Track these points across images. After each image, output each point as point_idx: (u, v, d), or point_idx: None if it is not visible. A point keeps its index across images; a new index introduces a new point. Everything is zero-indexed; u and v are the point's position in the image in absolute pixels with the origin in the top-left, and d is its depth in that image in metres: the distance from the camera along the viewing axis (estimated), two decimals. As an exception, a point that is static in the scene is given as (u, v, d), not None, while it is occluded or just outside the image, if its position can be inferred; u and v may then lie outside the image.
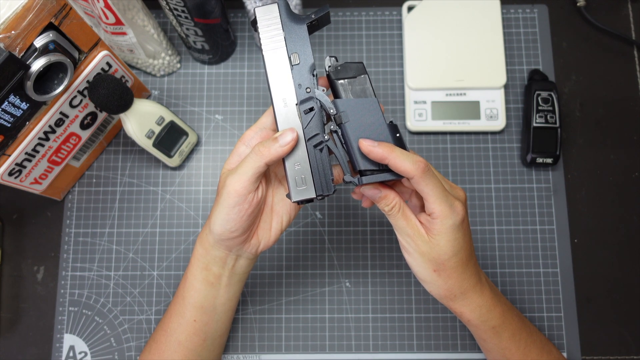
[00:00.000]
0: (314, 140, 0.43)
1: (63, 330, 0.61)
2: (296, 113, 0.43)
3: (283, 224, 0.48)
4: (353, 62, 0.44)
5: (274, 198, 0.48)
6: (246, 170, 0.43)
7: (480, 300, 0.46)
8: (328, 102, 0.43)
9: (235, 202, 0.43)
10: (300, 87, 0.43)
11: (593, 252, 0.62)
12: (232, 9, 0.69)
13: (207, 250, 0.47)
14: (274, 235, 0.48)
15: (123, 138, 0.66)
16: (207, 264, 0.48)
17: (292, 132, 0.42)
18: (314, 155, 0.43)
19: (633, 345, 0.60)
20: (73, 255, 0.63)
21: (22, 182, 0.55)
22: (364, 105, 0.43)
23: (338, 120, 0.42)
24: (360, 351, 0.60)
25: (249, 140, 0.46)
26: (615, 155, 0.65)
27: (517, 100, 0.66)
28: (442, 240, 0.42)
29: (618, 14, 0.69)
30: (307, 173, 0.43)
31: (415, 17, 0.67)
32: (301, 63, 0.43)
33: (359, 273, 0.62)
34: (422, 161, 0.40)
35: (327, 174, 0.43)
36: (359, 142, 0.41)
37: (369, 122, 0.42)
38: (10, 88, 0.45)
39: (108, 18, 0.57)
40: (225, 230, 0.44)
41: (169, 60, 0.66)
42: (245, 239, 0.46)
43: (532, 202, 0.64)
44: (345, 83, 0.43)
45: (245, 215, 0.44)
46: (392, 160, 0.40)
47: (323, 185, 0.43)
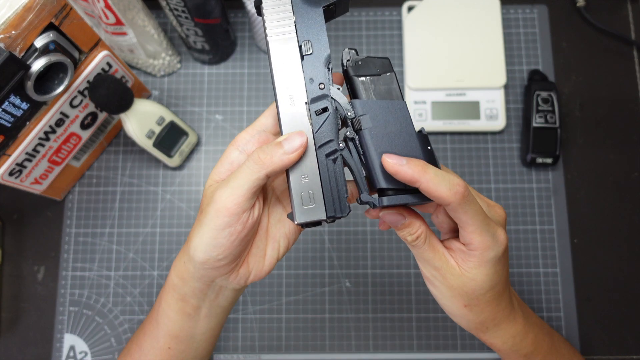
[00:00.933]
0: (327, 149, 0.35)
1: (63, 330, 0.61)
2: (305, 114, 0.35)
3: (280, 251, 0.40)
4: (377, 57, 0.37)
5: (269, 218, 0.40)
6: (241, 184, 0.35)
7: (513, 330, 0.40)
8: (345, 103, 0.35)
9: (226, 223, 0.35)
10: (312, 82, 0.35)
11: (593, 252, 0.62)
12: (232, 9, 0.69)
13: (185, 280, 0.39)
14: (268, 265, 0.40)
15: (123, 138, 0.66)
16: (183, 295, 0.40)
17: (300, 136, 0.34)
18: (325, 166, 0.35)
19: (633, 345, 0.60)
20: (73, 255, 0.63)
21: (23, 182, 0.55)
22: (389, 109, 0.35)
23: (356, 125, 0.35)
24: (360, 351, 0.60)
25: (244, 144, 0.38)
26: (615, 155, 0.65)
27: (517, 100, 0.66)
28: (479, 274, 0.36)
29: (617, 14, 0.69)
30: (316, 188, 0.35)
31: (415, 17, 0.67)
32: (314, 53, 0.36)
33: (359, 273, 0.62)
34: (460, 184, 0.33)
35: (341, 190, 0.35)
36: (382, 159, 0.34)
37: (395, 130, 0.35)
38: (11, 88, 0.45)
39: (108, 18, 0.57)
40: (211, 257, 0.36)
41: (169, 61, 0.66)
42: (233, 268, 0.38)
43: (532, 202, 0.64)
44: (366, 81, 0.36)
45: (237, 240, 0.36)
46: (424, 183, 0.33)
47: (336, 204, 0.35)
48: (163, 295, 0.41)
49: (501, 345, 0.41)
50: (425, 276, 0.38)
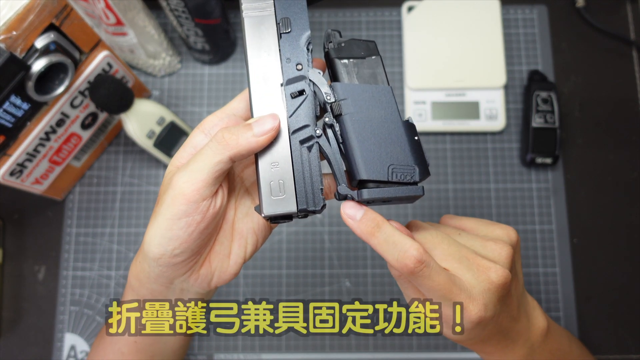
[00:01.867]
0: (301, 134, 0.32)
1: (64, 329, 0.61)
2: (280, 96, 0.32)
3: (247, 250, 0.35)
4: (362, 39, 0.34)
5: (236, 212, 0.36)
6: (201, 167, 0.31)
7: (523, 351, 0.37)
8: (324, 85, 0.32)
9: (183, 212, 0.31)
10: (289, 61, 0.33)
11: (592, 252, 0.62)
12: (232, 9, 0.69)
13: (141, 282, 0.35)
14: (234, 265, 0.35)
15: (124, 138, 0.66)
16: (142, 297, 0.36)
17: (273, 119, 0.31)
18: (299, 153, 0.32)
19: (633, 345, 0.60)
20: (74, 255, 0.63)
21: (23, 182, 0.55)
22: (373, 94, 0.32)
23: (336, 110, 0.32)
24: (360, 351, 0.60)
25: (211, 128, 0.34)
26: (614, 156, 0.65)
27: (516, 100, 0.67)
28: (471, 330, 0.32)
29: (617, 14, 0.69)
30: (287, 177, 0.32)
31: (415, 18, 0.67)
32: (293, 32, 0.33)
33: (359, 273, 0.62)
34: (411, 257, 0.29)
35: (315, 181, 0.32)
36: (341, 208, 0.31)
37: (379, 117, 0.32)
38: (12, 88, 0.45)
39: (109, 18, 0.57)
40: (166, 251, 0.32)
41: (169, 61, 0.66)
42: (191, 266, 0.34)
43: (532, 202, 0.64)
44: (349, 64, 0.33)
45: (196, 232, 0.31)
46: (373, 246, 0.30)
47: (309, 196, 0.32)
48: (125, 295, 0.38)
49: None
50: (446, 317, 0.32)
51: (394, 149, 0.32)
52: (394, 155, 0.32)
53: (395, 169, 0.32)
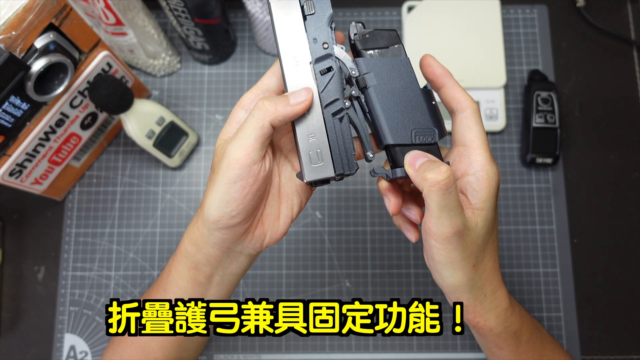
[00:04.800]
0: (333, 107, 0.36)
1: (64, 330, 0.61)
2: (310, 74, 0.36)
3: (294, 210, 0.40)
4: (384, 29, 0.37)
5: (280, 177, 0.40)
6: (248, 133, 0.35)
7: (505, 302, 0.40)
8: (349, 61, 0.36)
9: (237, 176, 0.35)
10: (315, 41, 0.36)
11: (592, 252, 0.62)
12: (232, 9, 0.69)
13: (199, 247, 0.38)
14: (284, 225, 0.39)
15: (123, 138, 0.66)
16: (196, 263, 0.39)
17: (307, 91, 0.35)
18: (332, 125, 0.36)
19: (633, 345, 0.60)
20: (74, 255, 0.63)
21: (23, 182, 0.55)
22: (393, 66, 0.36)
23: (361, 83, 0.36)
24: (360, 351, 0.60)
25: (249, 104, 0.38)
26: (614, 156, 0.65)
27: (516, 100, 0.66)
28: (487, 205, 0.36)
29: (617, 14, 0.69)
30: (324, 147, 0.36)
31: (415, 17, 0.67)
32: (317, 13, 0.36)
33: (359, 273, 0.62)
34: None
35: (348, 148, 0.36)
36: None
37: (399, 86, 0.36)
38: (11, 88, 0.45)
39: (108, 18, 0.57)
40: (225, 214, 0.35)
41: (169, 61, 0.66)
42: (247, 228, 0.38)
43: (532, 202, 0.64)
44: (375, 54, 0.37)
45: (250, 194, 0.35)
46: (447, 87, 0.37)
47: (344, 161, 0.36)
48: (173, 264, 0.41)
49: (495, 320, 0.39)
50: (436, 247, 0.35)
51: (415, 114, 0.37)
52: (415, 120, 0.37)
53: (417, 133, 0.37)
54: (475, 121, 0.37)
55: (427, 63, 0.37)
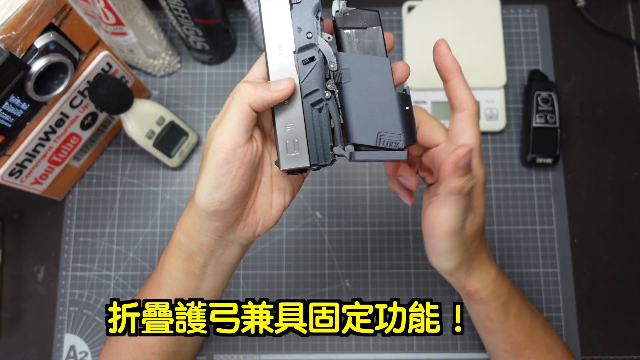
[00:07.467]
0: (312, 98, 0.36)
1: (63, 330, 0.61)
2: (293, 63, 0.36)
3: (286, 199, 0.40)
4: (367, 9, 0.37)
5: (272, 166, 0.40)
6: (230, 117, 0.35)
7: (494, 272, 0.42)
8: (330, 54, 0.36)
9: (224, 160, 0.35)
10: (299, 31, 0.36)
11: (593, 252, 0.62)
12: (232, 9, 0.69)
13: (192, 236, 0.39)
14: (275, 213, 0.39)
15: (123, 138, 0.66)
16: (190, 253, 0.40)
17: (289, 80, 0.35)
18: (310, 115, 0.36)
19: (633, 345, 0.60)
20: (73, 255, 0.63)
21: (23, 182, 0.55)
22: (372, 65, 0.36)
23: (337, 78, 0.36)
24: (360, 351, 0.60)
25: None
26: (615, 156, 0.65)
27: (517, 100, 0.66)
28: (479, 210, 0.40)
29: (618, 14, 0.69)
30: (301, 136, 0.36)
31: (415, 17, 0.67)
32: (303, 2, 0.36)
33: (359, 273, 0.62)
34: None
35: (325, 139, 0.36)
36: (437, 43, 0.37)
37: (374, 86, 0.36)
38: (11, 88, 0.45)
39: (108, 18, 0.57)
40: (214, 200, 0.36)
41: (169, 61, 0.66)
42: (238, 215, 0.38)
43: (532, 202, 0.64)
44: (351, 34, 0.36)
45: (237, 177, 0.35)
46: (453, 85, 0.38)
47: (319, 152, 0.36)
48: (167, 257, 0.41)
49: (484, 288, 0.42)
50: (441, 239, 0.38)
51: (384, 117, 0.36)
52: (384, 123, 0.36)
53: (383, 136, 0.36)
54: (471, 124, 0.38)
55: (439, 52, 0.38)
